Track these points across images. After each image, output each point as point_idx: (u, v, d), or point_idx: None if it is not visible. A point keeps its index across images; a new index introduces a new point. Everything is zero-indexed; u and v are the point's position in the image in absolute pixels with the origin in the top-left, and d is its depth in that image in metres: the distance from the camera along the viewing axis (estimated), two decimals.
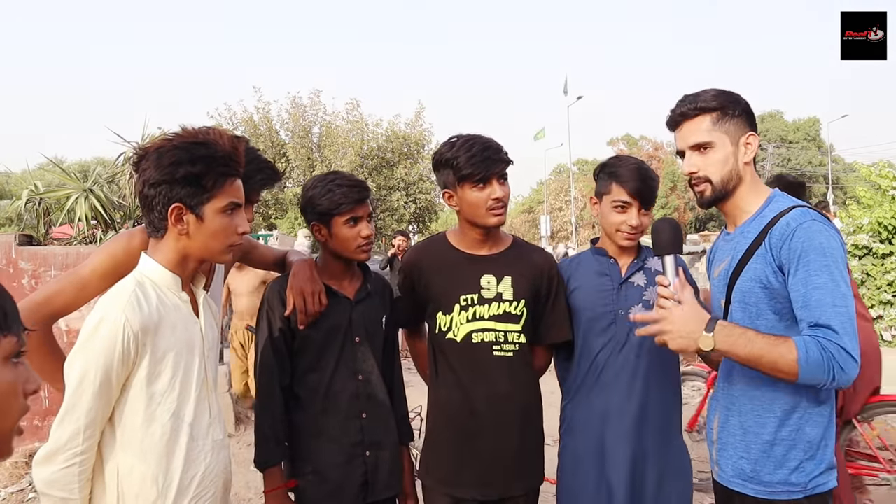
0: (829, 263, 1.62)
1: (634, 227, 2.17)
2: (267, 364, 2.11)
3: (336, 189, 2.10)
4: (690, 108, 1.82)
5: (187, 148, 1.55)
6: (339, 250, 2.14)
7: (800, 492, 1.68)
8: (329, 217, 2.10)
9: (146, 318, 1.50)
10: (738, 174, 1.80)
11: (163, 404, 1.54)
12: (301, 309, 2.06)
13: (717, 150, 1.80)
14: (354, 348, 2.15)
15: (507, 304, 2.15)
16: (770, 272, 1.69)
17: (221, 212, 1.59)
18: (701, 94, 1.84)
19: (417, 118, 29.54)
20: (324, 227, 2.12)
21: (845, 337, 1.56)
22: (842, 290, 1.60)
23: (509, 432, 2.14)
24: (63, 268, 4.94)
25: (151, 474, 1.52)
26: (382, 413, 2.20)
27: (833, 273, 1.61)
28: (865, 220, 7.40)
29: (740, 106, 1.81)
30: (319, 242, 2.18)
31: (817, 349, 1.56)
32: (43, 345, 1.64)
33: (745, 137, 1.80)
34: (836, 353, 1.55)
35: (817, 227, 1.65)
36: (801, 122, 55.56)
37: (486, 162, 2.06)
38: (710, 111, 1.80)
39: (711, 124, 1.80)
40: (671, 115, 1.88)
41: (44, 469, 1.47)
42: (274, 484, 2.05)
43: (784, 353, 1.57)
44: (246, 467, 4.67)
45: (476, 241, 2.19)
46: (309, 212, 2.15)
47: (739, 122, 1.80)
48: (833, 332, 1.57)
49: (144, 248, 1.69)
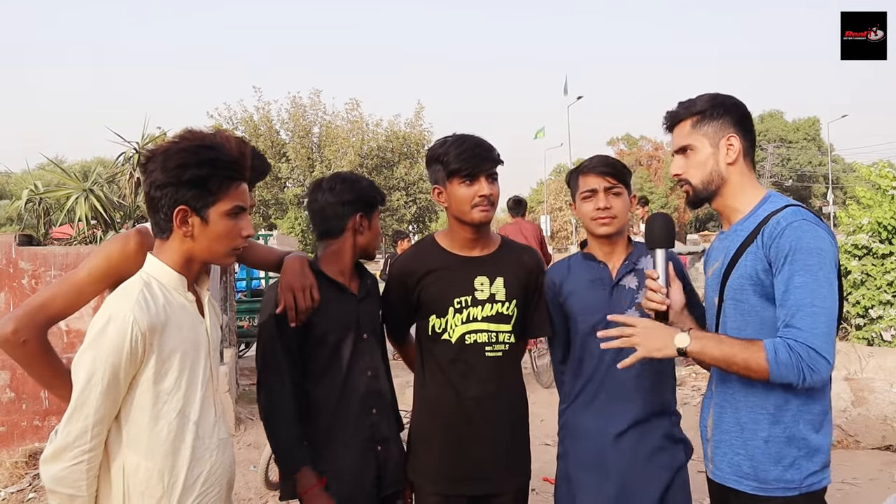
0: (813, 263, 1.62)
1: (603, 209, 2.14)
2: (277, 365, 2.06)
3: (370, 185, 2.24)
4: (679, 112, 1.88)
5: (194, 151, 1.55)
6: (369, 246, 2.22)
7: (795, 489, 1.69)
8: (372, 210, 2.20)
9: (153, 318, 1.51)
10: (720, 175, 1.82)
11: (169, 403, 1.56)
12: (291, 306, 2.03)
13: (696, 153, 1.84)
14: (363, 345, 2.17)
15: (500, 304, 2.17)
16: (761, 269, 1.70)
17: (226, 215, 1.59)
18: (694, 99, 1.88)
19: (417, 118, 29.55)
20: (365, 220, 2.19)
21: (814, 338, 1.58)
22: (822, 290, 1.61)
23: (498, 430, 2.16)
24: (63, 268, 4.94)
25: (157, 472, 1.53)
26: (389, 407, 2.24)
27: (816, 273, 1.62)
28: (865, 220, 7.38)
29: (724, 108, 1.83)
30: (347, 236, 2.17)
31: (785, 350, 1.59)
32: (40, 352, 1.63)
33: (725, 139, 1.82)
34: (803, 353, 1.58)
35: (807, 227, 1.65)
36: (801, 122, 55.55)
37: (475, 159, 2.07)
38: (693, 115, 1.85)
39: (691, 128, 1.85)
40: (664, 119, 1.94)
41: (52, 466, 1.48)
42: (310, 483, 2.01)
43: (754, 353, 1.62)
44: (245, 467, 4.67)
45: (467, 242, 2.19)
46: (356, 203, 2.17)
47: (721, 125, 1.82)
48: (801, 332, 1.60)
49: (140, 250, 1.70)
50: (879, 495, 4.15)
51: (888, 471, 4.58)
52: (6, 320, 1.59)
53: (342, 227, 2.16)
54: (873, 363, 6.07)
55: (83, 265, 1.71)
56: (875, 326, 7.20)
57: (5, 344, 1.59)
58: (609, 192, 2.15)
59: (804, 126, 54.73)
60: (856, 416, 5.10)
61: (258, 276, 10.15)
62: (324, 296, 2.10)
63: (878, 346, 7.04)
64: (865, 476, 4.45)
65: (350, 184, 2.19)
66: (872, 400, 5.22)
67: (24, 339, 1.58)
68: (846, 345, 6.58)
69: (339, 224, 2.16)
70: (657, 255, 1.85)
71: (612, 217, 2.15)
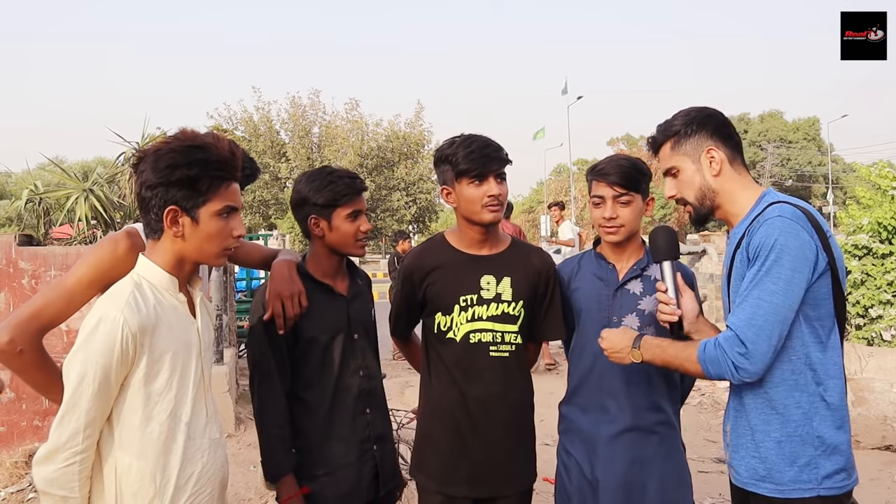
0: (772, 259, 1.63)
1: (609, 220, 2.15)
2: (268, 370, 2.06)
3: (337, 181, 2.09)
4: (658, 137, 1.92)
5: (184, 151, 1.55)
6: (338, 245, 2.13)
7: (812, 490, 1.67)
8: (331, 210, 2.09)
9: (144, 319, 1.51)
10: (710, 189, 1.84)
11: (160, 404, 1.56)
12: (279, 314, 2.01)
13: (682, 173, 1.87)
14: (355, 345, 2.16)
15: (506, 304, 2.16)
16: (747, 269, 1.71)
17: (217, 215, 1.59)
18: (669, 119, 1.91)
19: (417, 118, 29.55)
20: (322, 221, 2.10)
21: (746, 327, 1.63)
22: (770, 286, 1.62)
23: (503, 432, 2.15)
24: (63, 268, 4.93)
25: (149, 472, 1.53)
26: (382, 406, 2.24)
27: (770, 269, 1.63)
28: (865, 221, 7.38)
29: (697, 123, 1.84)
30: (314, 238, 2.14)
31: (713, 346, 1.69)
32: (37, 360, 1.63)
33: (705, 153, 1.83)
34: (728, 347, 1.65)
35: (778, 223, 1.65)
36: (801, 122, 55.55)
37: (484, 159, 2.07)
38: (670, 137, 1.88)
39: (671, 150, 1.89)
40: (648, 145, 1.98)
41: (44, 468, 1.48)
42: (290, 491, 2.01)
43: (689, 354, 1.75)
44: (246, 467, 4.67)
45: (475, 241, 2.19)
46: (307, 205, 2.11)
47: (697, 140, 1.84)
48: (735, 322, 1.66)
49: (130, 252, 1.70)
50: (879, 495, 4.16)
51: (888, 471, 4.58)
52: (0, 331, 1.58)
53: (307, 229, 2.15)
54: (873, 363, 6.08)
55: (73, 270, 1.70)
56: (875, 326, 7.20)
57: (1, 355, 1.58)
58: (617, 201, 2.15)
59: (804, 126, 54.72)
60: (856, 416, 5.10)
61: (258, 276, 10.15)
62: (312, 298, 2.09)
63: (878, 346, 7.05)
64: (865, 476, 4.45)
65: (302, 184, 2.14)
66: (872, 400, 5.22)
67: (20, 348, 1.58)
68: (846, 345, 6.57)
69: (303, 226, 2.16)
70: (664, 267, 1.93)
71: (618, 227, 2.16)
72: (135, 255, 1.66)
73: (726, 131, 1.86)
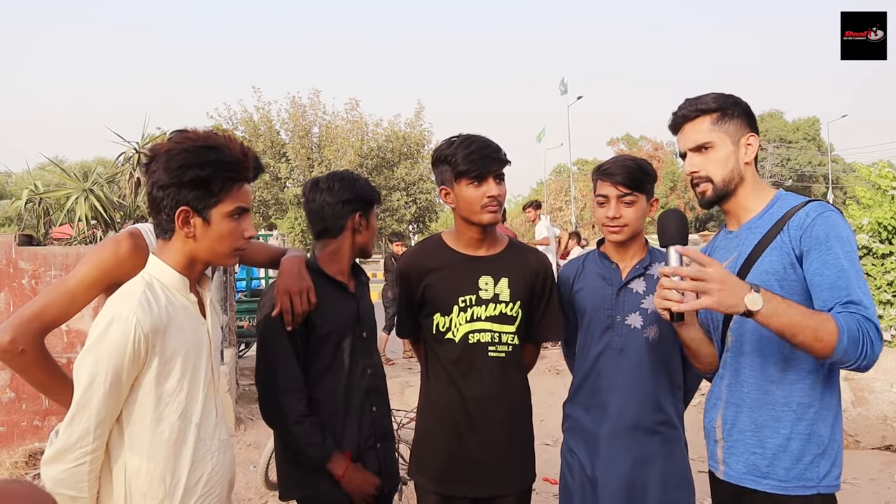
0: (849, 251, 1.66)
1: (612, 219, 2.16)
2: (287, 367, 2.06)
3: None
4: (691, 111, 1.86)
5: (196, 151, 1.55)
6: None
7: (813, 488, 1.68)
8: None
9: (156, 319, 1.51)
10: (740, 174, 1.83)
11: (171, 405, 1.56)
12: (286, 309, 2.02)
13: (717, 150, 1.83)
14: (363, 343, 2.19)
15: (504, 305, 2.16)
16: (787, 263, 1.71)
17: (228, 216, 1.59)
18: (702, 97, 1.87)
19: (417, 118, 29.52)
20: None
21: (873, 316, 1.58)
22: (862, 276, 1.64)
23: (500, 432, 2.15)
24: (63, 268, 4.94)
25: (159, 473, 1.53)
26: (387, 404, 2.27)
27: (853, 260, 1.65)
28: (865, 221, 7.37)
29: (739, 107, 1.85)
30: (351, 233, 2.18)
31: (855, 323, 1.55)
32: (39, 360, 1.63)
33: (745, 138, 1.84)
34: (869, 329, 1.56)
35: (837, 217, 1.69)
36: (801, 122, 55.56)
37: (483, 160, 2.07)
38: (710, 112, 1.84)
39: (711, 125, 1.84)
40: (673, 118, 1.91)
41: (53, 468, 1.48)
42: (343, 465, 2.05)
43: (824, 322, 1.53)
44: (245, 467, 4.68)
45: (473, 242, 2.19)
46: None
47: (739, 123, 1.84)
48: (867, 309, 1.57)
49: (133, 253, 1.70)
50: (879, 495, 4.15)
51: (888, 471, 4.58)
52: (2, 331, 1.59)
53: (341, 227, 2.16)
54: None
55: (75, 271, 1.70)
56: None
57: (3, 354, 1.59)
58: (621, 201, 2.15)
59: (804, 126, 54.73)
60: (856, 416, 5.10)
61: (258, 276, 10.16)
62: (325, 295, 2.10)
63: None
64: (865, 476, 4.46)
65: (348, 183, 2.18)
66: (872, 400, 5.22)
67: (21, 348, 1.58)
68: None
69: (337, 223, 2.16)
70: (670, 251, 1.72)
71: (621, 226, 2.16)
72: (137, 256, 1.66)
73: (757, 126, 1.88)
